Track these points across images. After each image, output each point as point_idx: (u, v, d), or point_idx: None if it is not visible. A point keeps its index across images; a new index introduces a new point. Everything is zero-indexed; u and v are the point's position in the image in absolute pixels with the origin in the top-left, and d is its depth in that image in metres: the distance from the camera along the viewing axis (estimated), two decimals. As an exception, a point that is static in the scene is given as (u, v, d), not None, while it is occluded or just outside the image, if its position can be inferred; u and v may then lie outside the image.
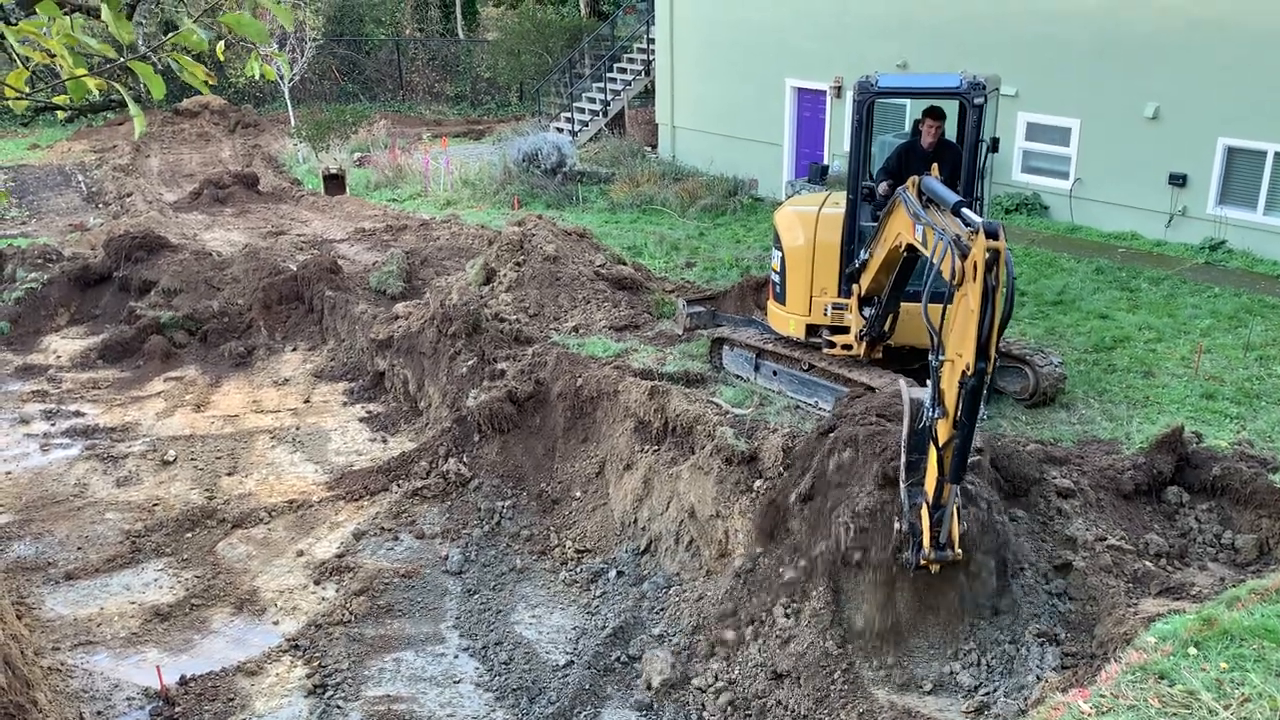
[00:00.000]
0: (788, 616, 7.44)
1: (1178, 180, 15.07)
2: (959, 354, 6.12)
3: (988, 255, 5.73)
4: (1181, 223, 15.16)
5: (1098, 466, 8.24)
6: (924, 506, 6.61)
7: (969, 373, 5.97)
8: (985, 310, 5.82)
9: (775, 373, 10.36)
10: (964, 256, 5.97)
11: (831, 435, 7.92)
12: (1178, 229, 15.19)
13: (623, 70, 26.12)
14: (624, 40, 27.58)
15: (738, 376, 10.73)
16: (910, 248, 7.72)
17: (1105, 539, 7.46)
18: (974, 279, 5.86)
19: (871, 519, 7.18)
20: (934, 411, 6.37)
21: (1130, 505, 8.02)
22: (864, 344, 9.65)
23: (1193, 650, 5.64)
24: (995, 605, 7.15)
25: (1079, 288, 13.27)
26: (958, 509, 6.71)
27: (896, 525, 7.00)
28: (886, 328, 9.40)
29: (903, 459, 6.88)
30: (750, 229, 17.59)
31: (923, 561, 6.74)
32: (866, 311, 9.51)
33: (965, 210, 6.39)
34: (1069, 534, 7.52)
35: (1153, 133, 15.32)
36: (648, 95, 26.05)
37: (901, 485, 6.87)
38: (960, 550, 6.68)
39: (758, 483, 8.43)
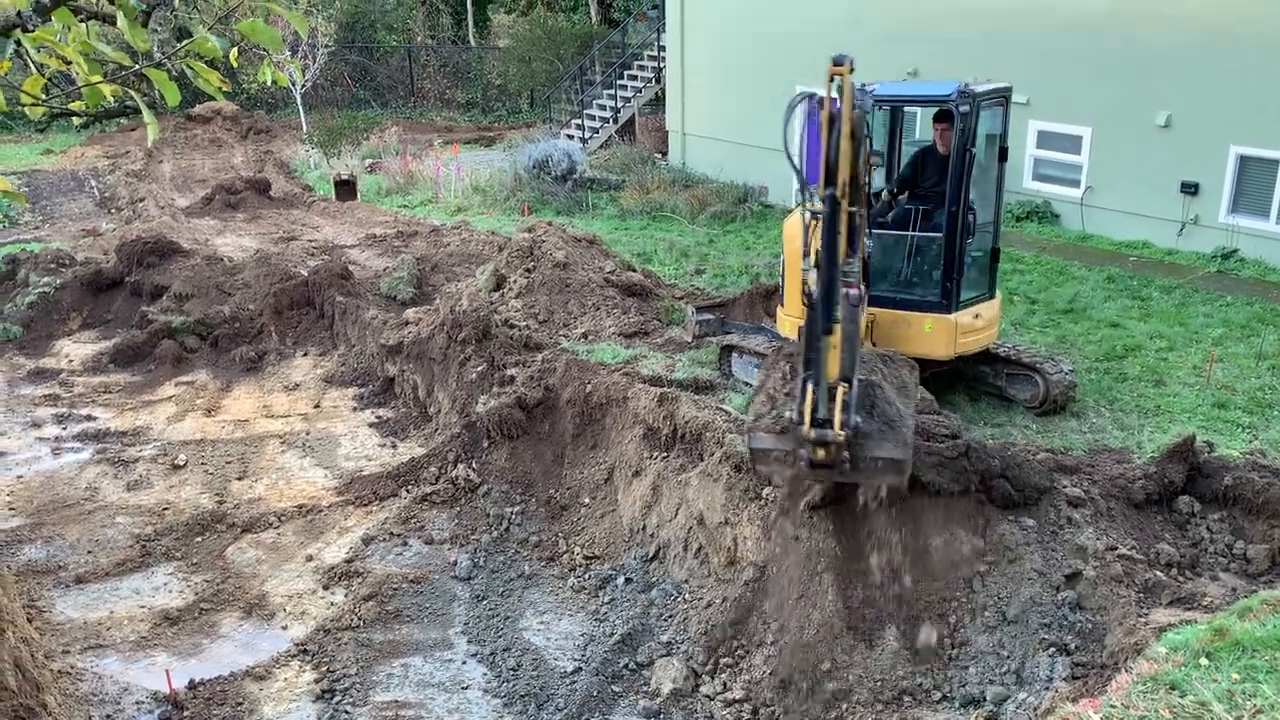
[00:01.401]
0: (797, 625, 7.42)
1: (1189, 189, 15.03)
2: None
3: (834, 80, 6.34)
4: (1193, 231, 15.12)
5: (1108, 475, 8.21)
6: (808, 388, 6.57)
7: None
8: (832, 133, 6.37)
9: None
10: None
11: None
12: (1189, 237, 15.15)
13: (633, 77, 26.18)
14: (635, 47, 27.64)
15: (747, 384, 10.72)
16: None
17: (1116, 548, 7.42)
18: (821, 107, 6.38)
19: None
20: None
21: (1141, 515, 7.99)
22: None
23: (1204, 661, 5.61)
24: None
25: (1090, 296, 13.24)
26: (844, 395, 6.62)
27: (788, 413, 6.92)
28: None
29: (802, 353, 6.82)
30: (760, 236, 17.59)
31: (809, 446, 6.62)
32: None
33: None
34: (1079, 543, 7.49)
35: (1164, 141, 15.28)
36: (658, 102, 26.10)
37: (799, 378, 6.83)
38: (841, 432, 6.54)
39: (767, 490, 8.41)
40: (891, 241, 9.89)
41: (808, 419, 6.58)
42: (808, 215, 6.90)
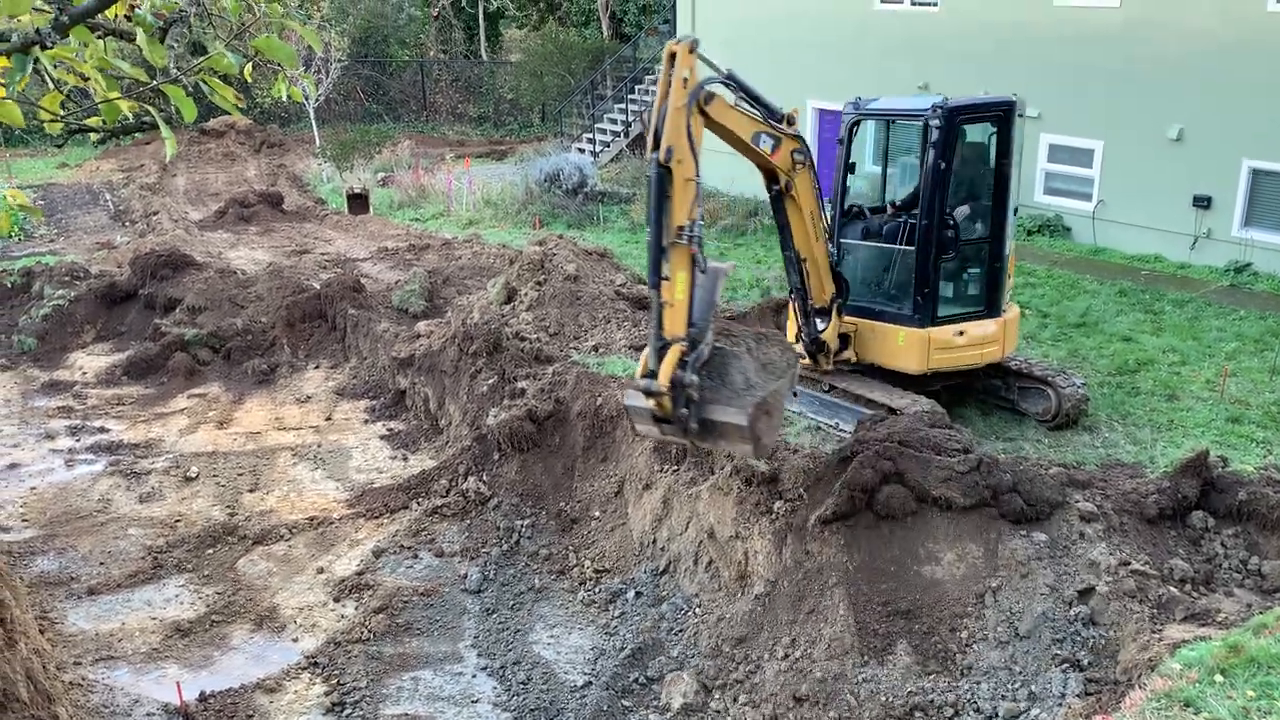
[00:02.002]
0: (808, 640, 7.40)
1: (1202, 202, 14.99)
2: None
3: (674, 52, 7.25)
4: (1206, 245, 15.07)
5: (1121, 490, 8.17)
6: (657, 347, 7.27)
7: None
8: (663, 105, 7.27)
9: (796, 394, 10.34)
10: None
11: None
12: (1202, 251, 15.10)
13: (644, 91, 26.28)
14: (646, 62, 27.75)
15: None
16: (773, 180, 9.01)
17: (1129, 564, 7.38)
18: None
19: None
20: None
21: (1154, 530, 7.94)
22: (821, 356, 9.98)
23: (1219, 678, 5.56)
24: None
25: (1102, 310, 13.20)
26: (680, 353, 7.18)
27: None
28: (826, 336, 9.80)
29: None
30: (770, 249, 17.58)
31: (643, 394, 7.30)
32: (820, 325, 9.84)
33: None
34: (1092, 558, 7.45)
35: (1176, 154, 15.26)
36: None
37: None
38: (665, 384, 7.08)
39: (777, 504, 8.40)
40: (875, 254, 9.97)
41: (638, 372, 7.30)
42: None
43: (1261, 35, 14.00)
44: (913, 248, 9.54)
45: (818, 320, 9.77)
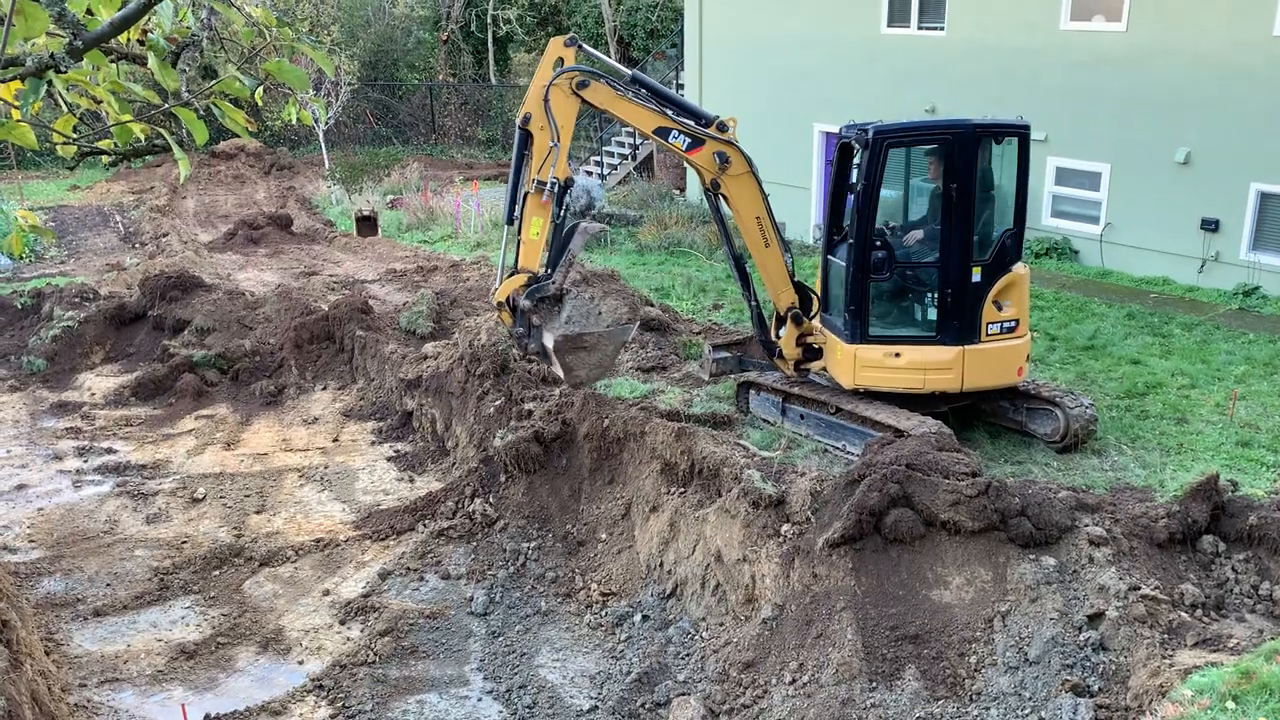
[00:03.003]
0: (815, 665, 7.36)
1: (1210, 225, 14.98)
2: None
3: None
4: (1214, 268, 15.05)
5: (1131, 514, 8.12)
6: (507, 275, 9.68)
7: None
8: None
9: (802, 416, 10.33)
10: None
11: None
12: (1210, 274, 15.08)
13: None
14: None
15: (765, 420, 10.71)
16: (715, 184, 9.98)
17: (1139, 588, 7.33)
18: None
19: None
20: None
21: (1164, 554, 7.89)
22: (779, 361, 10.66)
23: (1231, 704, 5.51)
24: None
25: (1110, 333, 13.17)
26: (522, 283, 9.53)
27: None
28: (784, 344, 10.51)
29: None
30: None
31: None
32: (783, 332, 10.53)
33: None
34: (1101, 583, 7.40)
35: (1184, 178, 15.27)
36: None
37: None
38: (497, 300, 9.66)
39: (785, 527, 8.37)
40: (833, 271, 10.29)
41: (492, 292, 9.94)
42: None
43: (1268, 59, 14.03)
44: (851, 266, 9.82)
45: (775, 327, 10.64)
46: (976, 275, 9.52)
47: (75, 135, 3.76)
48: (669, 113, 9.93)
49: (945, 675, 7.27)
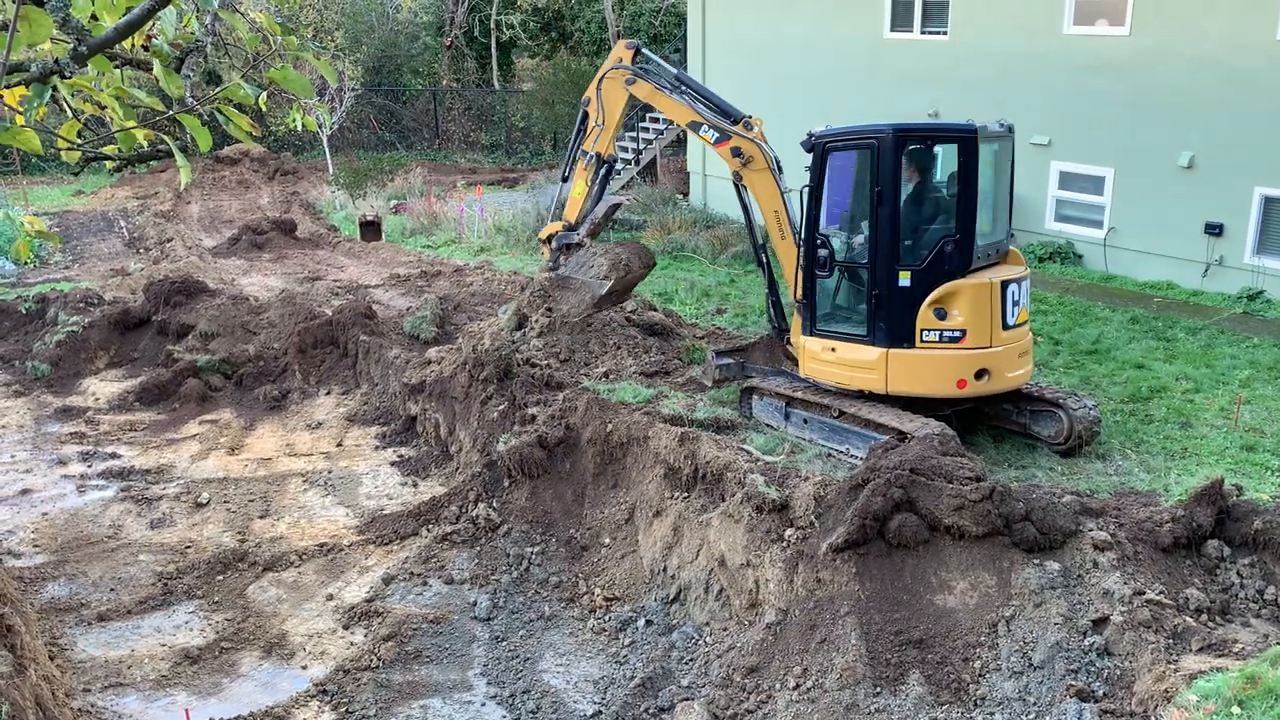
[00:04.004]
0: (819, 670, 7.34)
1: (1214, 230, 14.97)
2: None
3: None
4: (1218, 272, 15.03)
5: (1135, 519, 8.11)
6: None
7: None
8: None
9: (806, 420, 10.33)
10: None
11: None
12: (1214, 278, 15.06)
13: (655, 120, 26.41)
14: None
15: (769, 425, 10.71)
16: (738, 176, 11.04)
17: (1144, 593, 7.32)
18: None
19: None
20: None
21: (1169, 559, 7.87)
22: (790, 346, 11.23)
23: (1236, 709, 5.50)
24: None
25: (1114, 337, 13.16)
26: (559, 229, 12.82)
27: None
28: (792, 329, 11.05)
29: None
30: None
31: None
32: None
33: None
34: (1106, 588, 7.39)
35: (1188, 182, 15.26)
36: (680, 144, 26.31)
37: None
38: (541, 237, 13.22)
39: (789, 532, 8.36)
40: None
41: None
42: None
43: (1272, 62, 14.03)
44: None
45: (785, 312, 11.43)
46: (905, 280, 9.56)
47: (80, 141, 3.77)
48: (702, 109, 11.22)
49: (949, 680, 7.25)
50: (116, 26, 3.41)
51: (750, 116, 11.01)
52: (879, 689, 7.24)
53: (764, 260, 11.48)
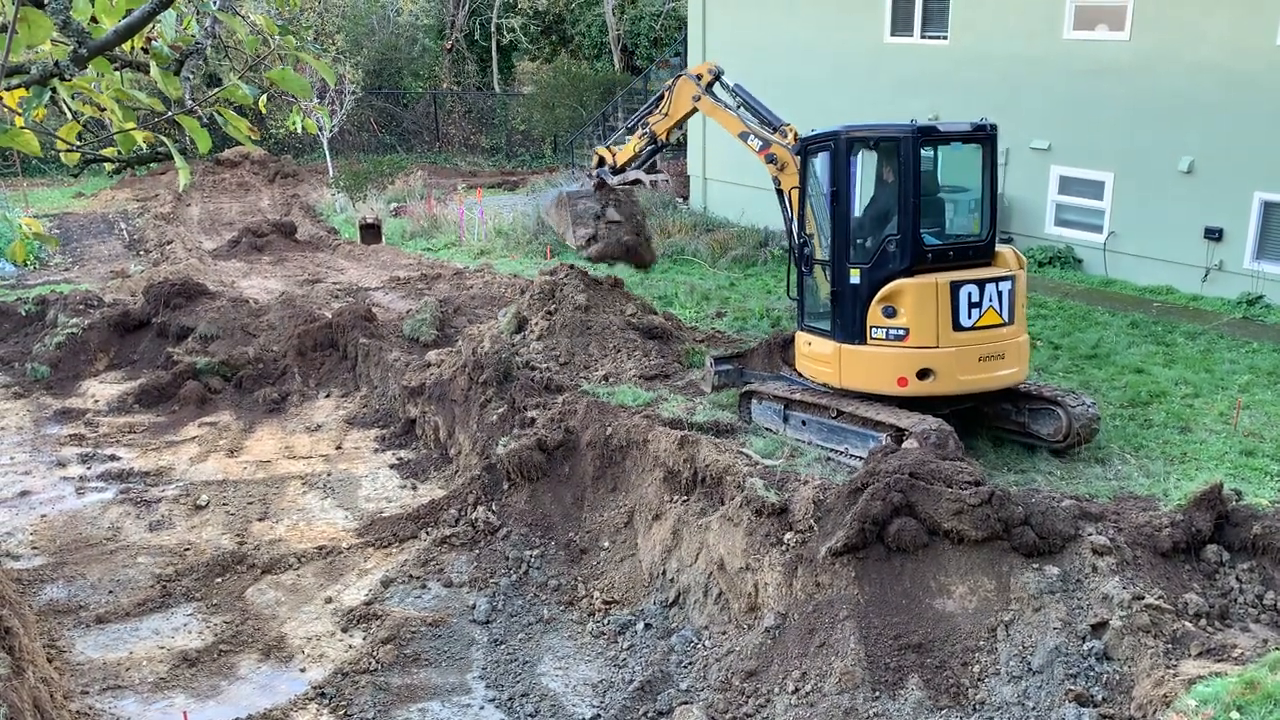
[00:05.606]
0: (818, 674, 7.34)
1: (1213, 234, 14.97)
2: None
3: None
4: (1218, 277, 15.04)
5: (1134, 523, 8.10)
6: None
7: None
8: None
9: (804, 423, 10.33)
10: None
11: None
12: (1214, 283, 15.06)
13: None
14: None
15: (768, 429, 10.71)
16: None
17: (1143, 598, 7.31)
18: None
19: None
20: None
21: (1168, 563, 7.87)
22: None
23: (1235, 714, 5.49)
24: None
25: (1113, 341, 13.16)
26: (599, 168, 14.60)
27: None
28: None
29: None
30: (781, 279, 17.57)
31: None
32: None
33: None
34: (1105, 592, 7.38)
35: (1187, 187, 15.26)
36: (680, 148, 26.30)
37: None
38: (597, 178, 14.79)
39: (788, 535, 8.36)
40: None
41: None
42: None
43: (1271, 67, 14.04)
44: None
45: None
46: (854, 277, 9.86)
47: (79, 143, 3.77)
48: (748, 118, 12.22)
49: (948, 685, 7.25)
50: (117, 29, 3.41)
51: (786, 124, 11.72)
52: (878, 693, 7.23)
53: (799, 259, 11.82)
